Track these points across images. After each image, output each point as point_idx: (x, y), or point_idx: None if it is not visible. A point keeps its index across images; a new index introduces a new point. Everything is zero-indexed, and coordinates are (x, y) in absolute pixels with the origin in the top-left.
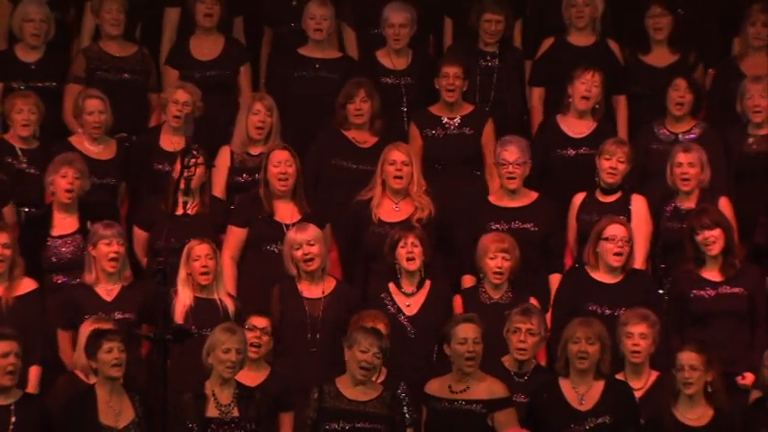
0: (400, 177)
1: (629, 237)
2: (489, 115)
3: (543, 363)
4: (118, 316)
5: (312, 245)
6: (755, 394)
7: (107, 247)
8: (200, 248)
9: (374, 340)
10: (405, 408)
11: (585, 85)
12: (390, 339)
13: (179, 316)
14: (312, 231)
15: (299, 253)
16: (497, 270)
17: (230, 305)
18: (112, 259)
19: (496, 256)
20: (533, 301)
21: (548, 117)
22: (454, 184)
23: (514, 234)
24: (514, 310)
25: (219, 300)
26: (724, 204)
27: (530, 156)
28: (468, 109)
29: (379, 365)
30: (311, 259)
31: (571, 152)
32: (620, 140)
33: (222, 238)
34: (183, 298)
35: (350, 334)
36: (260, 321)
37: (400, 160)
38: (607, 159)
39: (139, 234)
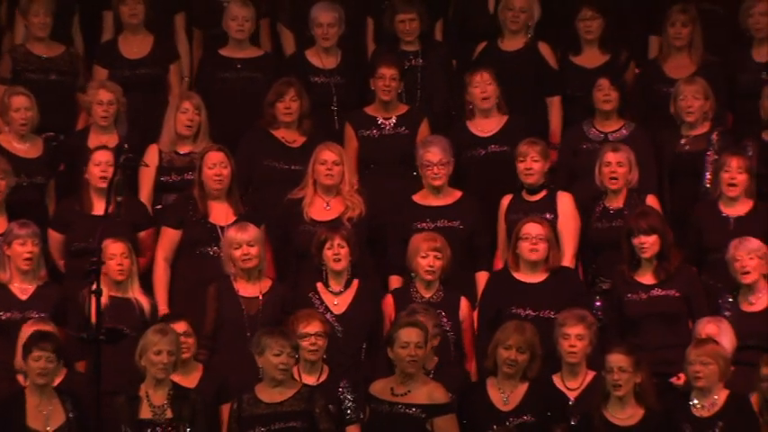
0: (331, 176)
1: (546, 234)
2: (425, 115)
3: (472, 362)
4: (32, 315)
5: (252, 245)
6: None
7: (21, 247)
8: (114, 247)
9: (284, 341)
10: (346, 404)
11: (479, 87)
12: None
13: (95, 315)
14: (252, 232)
15: (238, 252)
16: (429, 269)
17: (146, 304)
18: (27, 259)
19: (428, 255)
20: (464, 300)
21: (458, 121)
22: (390, 184)
23: (441, 233)
24: (401, 314)
25: (135, 299)
26: (651, 202)
27: (452, 154)
28: (403, 109)
29: (294, 365)
30: (249, 259)
31: (481, 152)
32: (532, 140)
33: (140, 238)
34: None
35: (258, 340)
36: (179, 326)
37: (331, 160)
38: (521, 162)
39: (54, 236)
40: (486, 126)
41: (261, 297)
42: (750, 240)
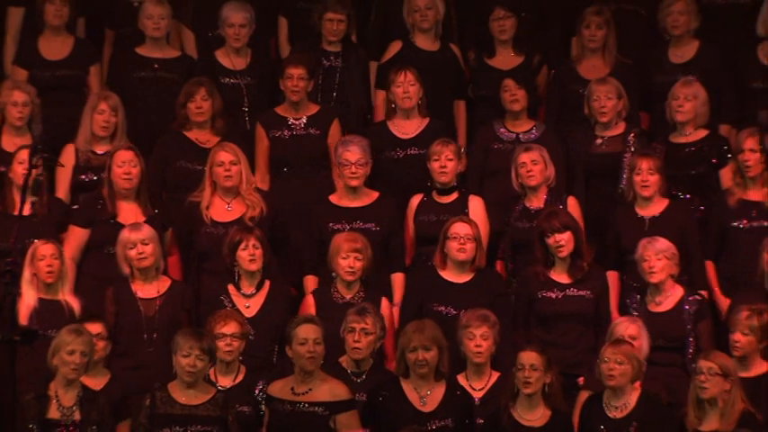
0: (230, 177)
1: (474, 234)
2: (336, 115)
3: (393, 362)
4: None
5: (146, 244)
6: (584, 394)
7: None
8: (44, 248)
9: (194, 343)
10: (262, 406)
11: (402, 87)
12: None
13: (23, 317)
14: (146, 231)
15: (132, 252)
16: (349, 270)
17: (75, 305)
18: None
19: (349, 256)
20: (385, 300)
21: (377, 120)
22: (300, 184)
23: None
24: (350, 311)
25: (64, 300)
26: (572, 204)
27: (371, 155)
28: (314, 109)
29: (203, 367)
30: (144, 258)
31: (399, 153)
32: (445, 140)
33: (63, 238)
34: (27, 299)
35: (174, 339)
36: (94, 327)
37: (228, 160)
38: (436, 160)
39: None
40: (406, 128)
41: (159, 298)
42: (659, 240)
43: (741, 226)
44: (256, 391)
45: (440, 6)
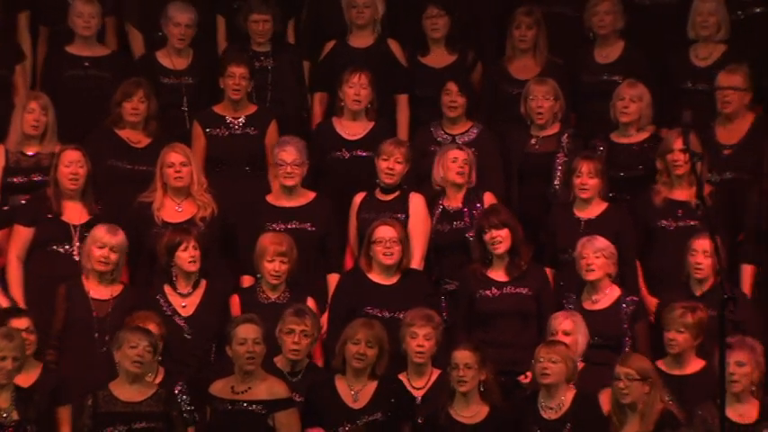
0: (180, 178)
1: (399, 237)
2: (274, 116)
3: (319, 362)
4: None
5: (114, 252)
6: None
7: None
8: None
9: (143, 336)
10: (183, 406)
11: (354, 89)
12: (167, 339)
13: None
14: (120, 238)
15: (98, 252)
16: (274, 273)
17: (4, 304)
18: None
19: (274, 260)
20: (311, 301)
21: (324, 119)
22: (237, 183)
23: (292, 234)
24: (288, 311)
25: None
26: (489, 200)
27: (307, 156)
28: (252, 109)
29: (150, 361)
30: (106, 263)
31: (346, 154)
32: (398, 141)
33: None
34: None
35: (117, 335)
36: (21, 323)
37: (178, 161)
38: (385, 160)
39: None
40: (352, 129)
41: (111, 300)
42: (598, 239)
43: (667, 225)
44: (176, 392)
45: (378, 5)
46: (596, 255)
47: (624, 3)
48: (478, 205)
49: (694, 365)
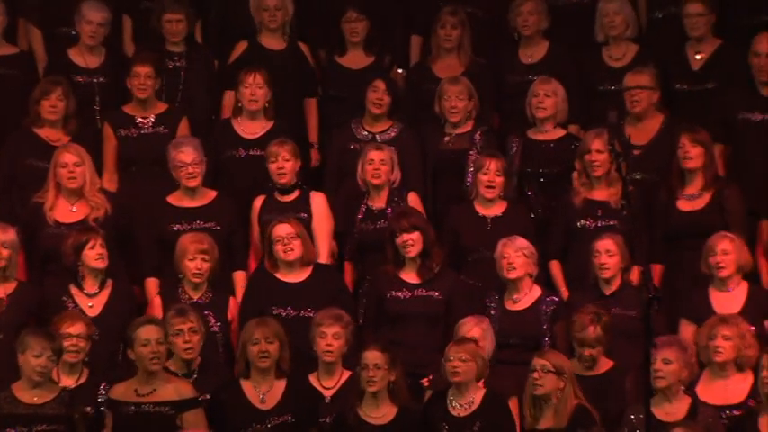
0: (74, 179)
1: (297, 232)
2: (184, 115)
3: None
4: None
5: (6, 247)
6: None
7: None
8: None
9: (47, 343)
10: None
11: (250, 89)
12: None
13: None
14: (10, 234)
15: None
16: (197, 272)
17: None
18: None
19: (196, 258)
20: (233, 300)
21: (224, 119)
22: (149, 184)
23: None
24: (170, 314)
25: None
26: (413, 200)
27: (205, 154)
28: (162, 108)
29: (53, 367)
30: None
31: (242, 153)
32: (281, 140)
33: None
34: None
35: (22, 338)
36: None
37: (72, 162)
38: (273, 162)
39: None
40: (251, 128)
41: (5, 298)
42: (518, 239)
43: (587, 225)
44: (101, 391)
45: (288, 6)
46: (517, 254)
47: (547, 3)
48: (403, 205)
49: (603, 366)
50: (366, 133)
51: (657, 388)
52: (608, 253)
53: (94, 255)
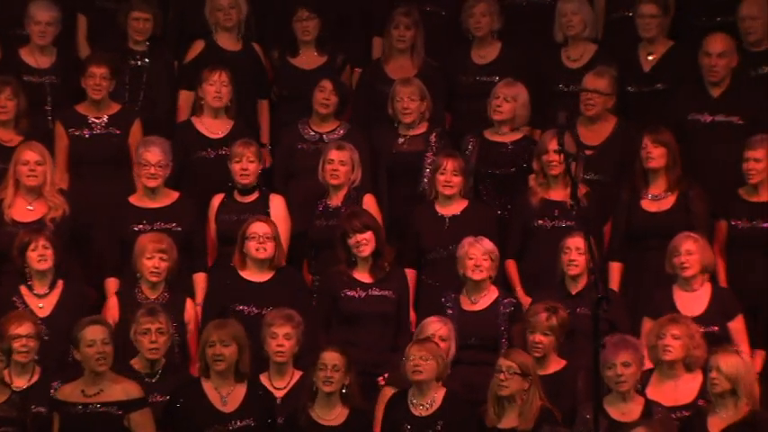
0: (34, 177)
1: (273, 234)
2: (137, 115)
3: (197, 362)
4: None
5: None
6: (389, 391)
7: None
8: None
9: None
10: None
11: (215, 86)
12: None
13: None
14: None
15: None
16: (154, 270)
17: None
18: None
19: (153, 257)
20: (189, 301)
21: (185, 119)
22: (100, 184)
23: None
24: (140, 312)
25: None
26: (369, 202)
27: (172, 159)
28: (115, 108)
29: (2, 368)
30: None
31: (211, 153)
32: (246, 141)
33: None
34: None
35: None
36: None
37: (33, 160)
38: (237, 162)
39: None
40: (214, 128)
41: None
42: (485, 241)
43: (544, 225)
44: (52, 392)
45: (243, 6)
46: (484, 257)
47: (501, 3)
48: (358, 206)
49: (555, 365)
50: (313, 133)
51: (620, 391)
52: (578, 250)
53: (36, 256)
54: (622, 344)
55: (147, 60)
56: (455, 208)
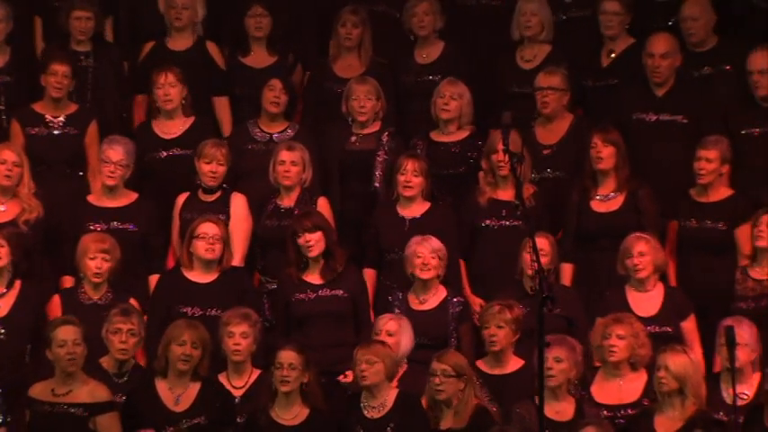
0: (10, 177)
1: (222, 235)
2: (94, 115)
3: (142, 362)
4: None
5: None
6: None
7: None
8: None
9: None
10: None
11: (163, 89)
12: None
13: None
14: None
15: None
16: (96, 271)
17: None
18: None
19: (96, 257)
20: (133, 301)
21: (144, 121)
22: (57, 183)
23: (114, 234)
24: (113, 311)
25: None
26: (323, 204)
27: (133, 160)
28: (72, 108)
29: None
30: None
31: (162, 153)
32: (218, 142)
33: None
34: None
35: None
36: None
37: (11, 160)
38: (207, 163)
39: None
40: (170, 128)
41: None
42: (432, 239)
43: (491, 225)
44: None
45: (198, 8)
46: (432, 255)
47: (449, 4)
48: (313, 207)
49: (514, 364)
50: (263, 133)
51: (549, 387)
52: (541, 252)
53: None
54: (558, 341)
55: (91, 60)
56: (416, 210)
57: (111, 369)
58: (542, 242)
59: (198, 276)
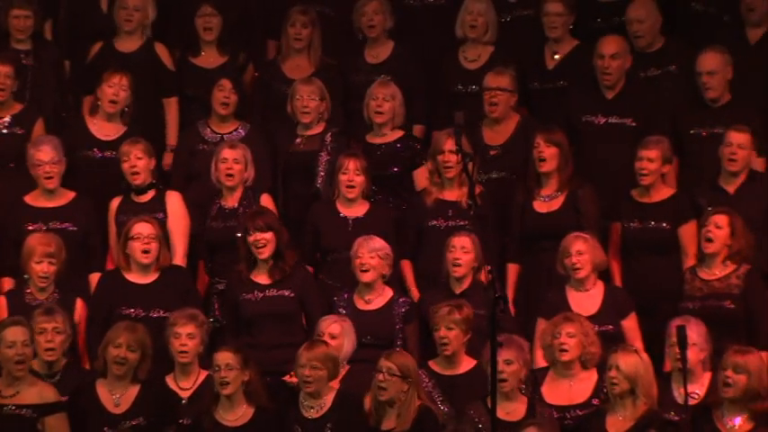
0: None
1: (157, 234)
2: (39, 115)
3: (86, 365)
4: None
5: None
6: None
7: None
8: None
9: None
10: None
11: (113, 89)
12: None
13: None
14: None
15: None
16: (43, 275)
17: None
18: None
19: (42, 261)
20: (80, 301)
21: (77, 118)
22: (3, 183)
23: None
24: (36, 312)
25: None
26: (266, 201)
27: (64, 154)
28: (17, 108)
29: None
30: None
31: (97, 153)
32: (134, 139)
33: None
34: None
35: None
36: None
37: None
38: (125, 161)
39: None
40: (106, 130)
41: None
42: (373, 239)
43: (438, 225)
44: None
45: (149, 10)
46: (371, 255)
47: (394, 4)
48: (256, 205)
49: (466, 365)
50: (213, 134)
51: (502, 390)
52: (463, 249)
53: None
54: (507, 342)
55: (30, 59)
56: (358, 210)
57: (41, 370)
58: (464, 240)
59: (137, 277)
